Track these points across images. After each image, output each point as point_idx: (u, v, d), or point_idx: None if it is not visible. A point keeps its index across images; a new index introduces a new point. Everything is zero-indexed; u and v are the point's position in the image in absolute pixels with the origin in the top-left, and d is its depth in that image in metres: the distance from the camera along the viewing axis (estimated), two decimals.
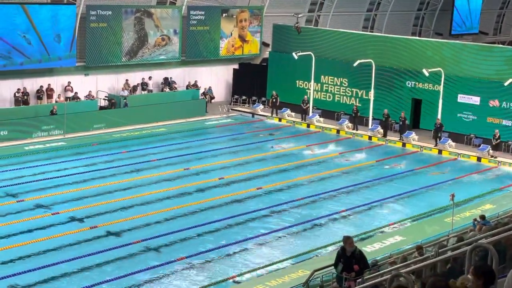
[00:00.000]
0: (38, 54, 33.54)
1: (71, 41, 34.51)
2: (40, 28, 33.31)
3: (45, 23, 33.51)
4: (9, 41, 32.39)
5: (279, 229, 21.62)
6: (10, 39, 32.46)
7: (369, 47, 37.53)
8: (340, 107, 38.34)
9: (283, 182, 26.82)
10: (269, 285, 17.09)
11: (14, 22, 32.36)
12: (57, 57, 34.23)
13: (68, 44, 34.49)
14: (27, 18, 32.73)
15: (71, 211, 22.36)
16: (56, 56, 34.16)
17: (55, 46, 34.04)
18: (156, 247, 19.78)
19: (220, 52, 41.97)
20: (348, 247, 13.17)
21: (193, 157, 29.83)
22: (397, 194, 25.82)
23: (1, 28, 32.04)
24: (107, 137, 32.81)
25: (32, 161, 28.01)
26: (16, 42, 32.62)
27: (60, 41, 34.15)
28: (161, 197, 24.31)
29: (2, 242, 19.48)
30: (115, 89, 37.32)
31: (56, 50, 34.12)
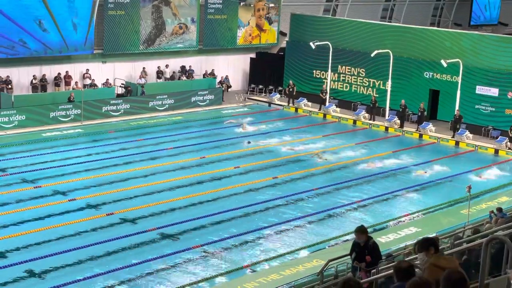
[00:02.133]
0: (56, 43, 33.59)
1: (87, 29, 34.48)
2: (56, 16, 33.33)
3: (62, 10, 33.55)
4: (25, 28, 32.49)
5: (295, 219, 21.62)
6: (26, 26, 32.56)
7: (387, 37, 37.32)
8: (357, 97, 38.21)
9: (299, 171, 26.80)
10: (284, 274, 17.11)
11: (30, 10, 32.38)
12: (73, 47, 34.24)
13: (85, 33, 34.50)
14: (44, 5, 32.80)
15: (88, 197, 22.50)
16: (72, 46, 34.17)
17: (72, 35, 34.07)
18: (172, 235, 19.85)
19: (237, 41, 41.91)
20: (357, 239, 13.14)
21: (209, 145, 29.87)
22: (414, 185, 25.72)
23: (16, 14, 32.18)
24: (123, 124, 32.93)
25: (49, 148, 28.20)
26: (32, 29, 32.64)
27: (77, 29, 34.17)
28: (177, 185, 24.38)
29: (19, 228, 19.65)
30: (132, 77, 37.42)
31: (72, 39, 34.12)
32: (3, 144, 28.22)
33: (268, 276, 17.01)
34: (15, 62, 32.99)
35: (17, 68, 33.21)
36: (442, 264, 6.46)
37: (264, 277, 16.99)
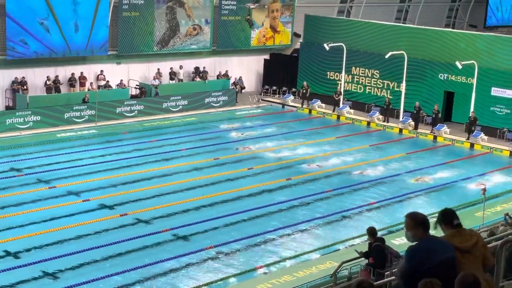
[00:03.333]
0: (58, 45, 33.50)
1: (89, 32, 34.37)
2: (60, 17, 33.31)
3: (65, 12, 33.44)
4: (28, 28, 32.59)
5: (308, 220, 21.58)
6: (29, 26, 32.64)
7: (401, 38, 37.20)
8: (371, 99, 38.11)
9: (313, 173, 26.76)
10: (297, 276, 17.08)
11: (33, 9, 32.36)
12: (75, 50, 34.15)
13: (87, 35, 34.37)
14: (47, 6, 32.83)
15: (102, 198, 22.58)
16: (74, 49, 34.08)
17: (73, 36, 33.97)
18: (185, 236, 19.88)
19: (251, 42, 41.93)
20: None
21: (222, 146, 29.89)
22: (428, 188, 25.61)
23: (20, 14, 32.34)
24: (137, 125, 33.04)
25: (64, 148, 28.33)
26: (34, 29, 32.68)
27: (78, 30, 34.12)
28: (190, 186, 24.41)
29: (34, 228, 19.74)
30: (146, 78, 37.54)
31: (75, 41, 34.00)
32: (18, 145, 28.40)
33: (281, 278, 16.99)
34: (30, 63, 33.18)
35: (32, 69, 33.39)
36: (455, 242, 6.43)
37: (277, 278, 16.97)
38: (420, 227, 6.39)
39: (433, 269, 6.11)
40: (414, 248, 6.40)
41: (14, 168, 25.31)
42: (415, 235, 6.40)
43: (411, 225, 6.43)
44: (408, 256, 6.35)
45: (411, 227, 6.42)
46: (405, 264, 6.31)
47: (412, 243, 6.40)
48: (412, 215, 6.51)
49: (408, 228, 6.44)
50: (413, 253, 6.33)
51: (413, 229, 6.39)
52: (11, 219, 20.47)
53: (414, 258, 6.28)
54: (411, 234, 6.43)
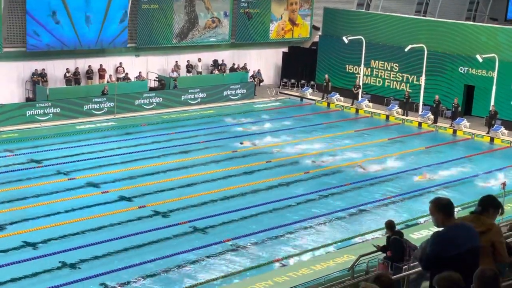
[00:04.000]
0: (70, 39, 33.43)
1: (100, 26, 34.29)
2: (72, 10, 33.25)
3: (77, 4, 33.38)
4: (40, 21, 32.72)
5: (326, 214, 21.54)
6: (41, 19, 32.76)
7: (421, 31, 36.95)
8: (390, 92, 37.92)
9: (330, 167, 26.69)
10: (314, 269, 17.05)
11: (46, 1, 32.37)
12: (87, 44, 34.08)
13: (98, 28, 34.27)
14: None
15: (120, 190, 22.69)
16: (86, 43, 33.99)
17: (85, 30, 33.91)
18: (202, 228, 19.92)
19: (270, 35, 41.86)
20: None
21: (240, 139, 29.88)
22: (447, 182, 25.45)
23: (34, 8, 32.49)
24: (156, 118, 33.14)
25: (83, 140, 28.49)
26: (45, 22, 32.70)
27: (90, 23, 34.09)
28: (208, 179, 24.45)
29: (53, 219, 19.88)
30: (164, 70, 37.63)
31: (85, 34, 33.91)
32: (38, 136, 28.61)
33: (298, 271, 16.97)
34: (50, 55, 33.37)
35: (52, 61, 33.58)
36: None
37: (294, 271, 16.95)
38: (440, 212, 6.36)
39: (456, 257, 6.06)
40: (439, 234, 6.36)
41: (34, 160, 25.51)
42: (437, 220, 6.39)
43: (432, 210, 6.43)
44: (431, 242, 6.31)
45: (432, 212, 6.42)
46: (428, 250, 6.28)
47: (439, 229, 6.38)
48: (435, 200, 6.51)
49: (431, 213, 6.45)
50: (437, 240, 6.29)
51: (435, 214, 6.39)
52: (30, 210, 20.65)
53: (438, 244, 6.25)
54: (434, 219, 6.42)
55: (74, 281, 16.19)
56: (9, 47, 32.08)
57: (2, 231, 18.92)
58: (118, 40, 34.99)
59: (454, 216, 6.44)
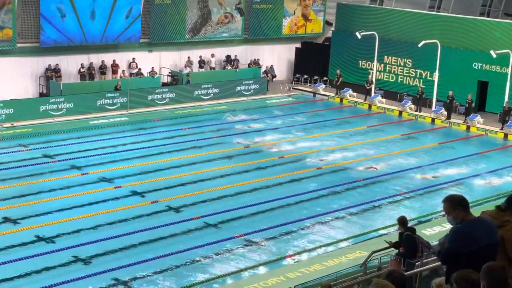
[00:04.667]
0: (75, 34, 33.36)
1: (106, 21, 34.19)
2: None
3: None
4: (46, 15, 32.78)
5: (338, 210, 21.52)
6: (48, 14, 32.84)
7: (435, 27, 36.76)
8: (403, 88, 37.77)
9: (342, 162, 26.64)
10: (327, 265, 17.05)
11: None
12: (91, 39, 33.94)
13: (104, 24, 34.14)
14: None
15: (133, 185, 22.76)
16: (91, 37, 33.88)
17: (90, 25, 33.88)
18: (215, 224, 19.96)
19: (282, 31, 41.81)
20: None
21: (253, 135, 29.90)
22: (461, 178, 25.33)
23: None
24: (168, 113, 33.20)
25: (96, 135, 28.60)
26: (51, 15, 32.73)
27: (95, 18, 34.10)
28: (221, 174, 24.48)
29: (67, 214, 19.99)
30: (177, 66, 37.68)
31: (91, 29, 33.84)
32: (51, 131, 28.74)
33: (310, 267, 16.98)
34: (63, 51, 33.50)
35: (65, 57, 33.72)
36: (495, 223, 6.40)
37: (307, 267, 16.96)
38: (459, 208, 6.30)
39: (474, 252, 6.02)
40: (458, 229, 6.28)
41: (47, 155, 25.64)
42: (456, 218, 6.31)
43: (448, 208, 6.35)
44: (450, 237, 6.25)
45: (449, 211, 6.34)
46: (447, 245, 6.23)
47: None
48: (448, 198, 6.42)
49: (447, 213, 6.36)
50: (455, 235, 6.23)
51: (453, 212, 6.31)
52: (44, 204, 20.77)
53: (456, 240, 6.19)
54: (451, 218, 6.34)
55: (87, 275, 16.28)
56: (23, 42, 32.25)
57: (16, 225, 19.05)
58: (122, 37, 34.76)
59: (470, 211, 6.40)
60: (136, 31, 35.28)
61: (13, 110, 29.72)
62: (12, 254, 17.24)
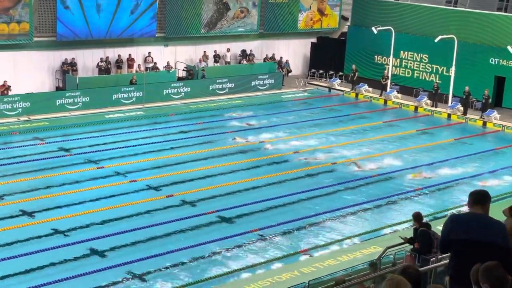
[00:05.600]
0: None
1: (112, 16, 34.03)
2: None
3: None
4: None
5: (353, 205, 21.47)
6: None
7: (451, 22, 36.53)
8: (419, 83, 37.59)
9: (358, 158, 26.57)
10: (341, 260, 17.04)
11: None
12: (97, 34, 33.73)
13: (109, 18, 34.01)
14: None
15: (148, 179, 22.84)
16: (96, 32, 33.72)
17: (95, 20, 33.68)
18: (229, 218, 19.99)
19: (298, 26, 41.71)
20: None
21: (268, 130, 29.88)
22: (477, 174, 25.17)
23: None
24: (184, 107, 33.26)
25: (112, 129, 28.71)
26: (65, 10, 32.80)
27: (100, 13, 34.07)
28: (236, 169, 24.50)
29: (82, 207, 20.10)
30: (193, 60, 37.72)
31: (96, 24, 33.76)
32: (67, 125, 28.89)
33: (324, 262, 16.97)
34: (79, 45, 33.64)
35: (82, 51, 33.86)
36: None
37: (321, 262, 16.95)
38: (469, 199, 6.34)
39: (466, 243, 6.04)
40: (453, 216, 6.55)
41: (63, 148, 25.79)
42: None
43: (468, 203, 6.41)
44: (445, 222, 6.45)
45: (468, 205, 6.41)
46: (442, 230, 6.44)
47: None
48: (471, 192, 6.43)
49: (468, 207, 6.42)
50: (449, 220, 6.41)
51: (470, 207, 6.37)
52: (59, 198, 20.90)
53: (448, 224, 6.35)
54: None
55: (101, 268, 16.37)
56: (39, 36, 32.42)
57: (31, 218, 19.18)
58: (126, 32, 34.54)
59: (485, 207, 6.35)
60: (145, 26, 35.10)
61: (30, 104, 29.91)
62: (28, 246, 17.36)
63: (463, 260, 5.94)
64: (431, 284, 9.81)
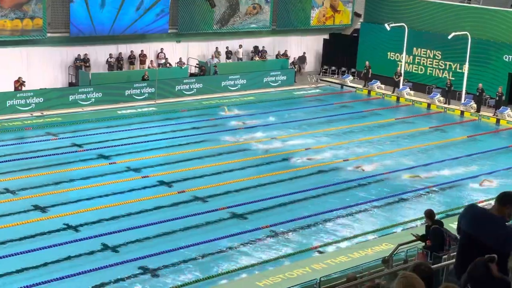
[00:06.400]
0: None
1: (117, 11, 33.84)
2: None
3: None
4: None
5: (365, 202, 21.42)
6: None
7: (465, 19, 36.32)
8: (432, 80, 37.42)
9: (370, 154, 26.50)
10: (352, 257, 17.00)
11: None
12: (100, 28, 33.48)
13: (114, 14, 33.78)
14: None
15: (160, 175, 22.87)
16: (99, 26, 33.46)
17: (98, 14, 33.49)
18: (241, 214, 19.99)
19: (311, 22, 41.62)
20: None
21: (280, 126, 29.85)
22: (490, 172, 25.03)
23: None
24: (196, 103, 33.28)
25: (124, 125, 28.79)
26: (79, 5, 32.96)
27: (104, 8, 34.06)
28: (247, 165, 24.50)
29: (94, 202, 20.16)
30: (205, 56, 37.73)
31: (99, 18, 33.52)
32: (80, 121, 28.99)
33: (336, 258, 16.94)
34: (93, 41, 33.72)
35: (94, 47, 33.95)
36: None
37: (332, 258, 16.93)
38: (496, 201, 6.33)
39: (468, 236, 6.23)
40: (472, 205, 6.80)
41: (76, 144, 25.88)
42: (509, 216, 6.35)
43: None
44: None
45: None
46: None
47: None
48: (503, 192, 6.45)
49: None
50: (465, 208, 6.68)
51: (493, 205, 6.37)
52: (72, 193, 21.00)
53: (462, 213, 6.57)
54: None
55: (114, 264, 16.42)
56: (53, 32, 32.53)
57: (44, 213, 19.27)
58: (130, 29, 34.33)
59: (503, 208, 6.31)
60: (151, 22, 34.94)
61: (43, 99, 30.03)
62: (40, 241, 17.44)
63: (462, 250, 6.03)
64: (443, 282, 9.75)
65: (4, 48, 30.92)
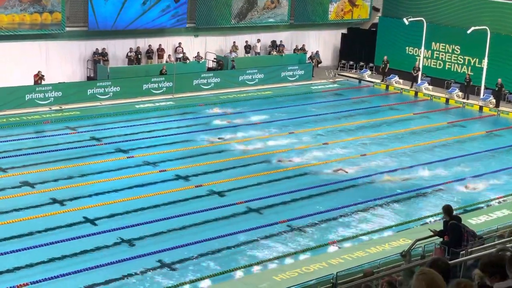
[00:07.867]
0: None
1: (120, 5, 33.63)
2: None
3: None
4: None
5: (383, 197, 21.33)
6: None
7: (485, 13, 36.03)
8: (451, 75, 37.17)
9: (385, 150, 26.40)
10: (370, 252, 16.95)
11: None
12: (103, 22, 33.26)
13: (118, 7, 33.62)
14: None
15: (177, 169, 22.94)
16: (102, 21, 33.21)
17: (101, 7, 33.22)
18: (258, 209, 19.99)
19: (329, 16, 41.49)
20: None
21: (297, 121, 29.81)
22: (506, 168, 24.85)
23: None
24: (213, 98, 33.32)
25: (142, 119, 28.90)
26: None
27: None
28: (264, 160, 24.49)
29: (112, 196, 20.27)
30: (223, 51, 37.75)
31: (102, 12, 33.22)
32: (98, 115, 29.15)
33: (353, 253, 16.90)
34: (111, 35, 33.86)
35: (113, 41, 34.09)
36: None
37: (350, 253, 16.89)
38: None
39: None
40: None
41: (94, 137, 26.03)
42: None
43: None
44: None
45: None
46: None
47: None
48: None
49: None
50: None
51: None
52: (90, 187, 21.12)
53: None
54: None
55: (131, 257, 16.50)
56: (71, 26, 32.70)
57: (62, 206, 19.40)
58: (133, 25, 34.17)
59: None
60: (156, 17, 34.84)
61: (62, 93, 30.21)
62: (58, 235, 17.56)
63: None
64: (460, 278, 9.71)
65: (23, 42, 31.15)
